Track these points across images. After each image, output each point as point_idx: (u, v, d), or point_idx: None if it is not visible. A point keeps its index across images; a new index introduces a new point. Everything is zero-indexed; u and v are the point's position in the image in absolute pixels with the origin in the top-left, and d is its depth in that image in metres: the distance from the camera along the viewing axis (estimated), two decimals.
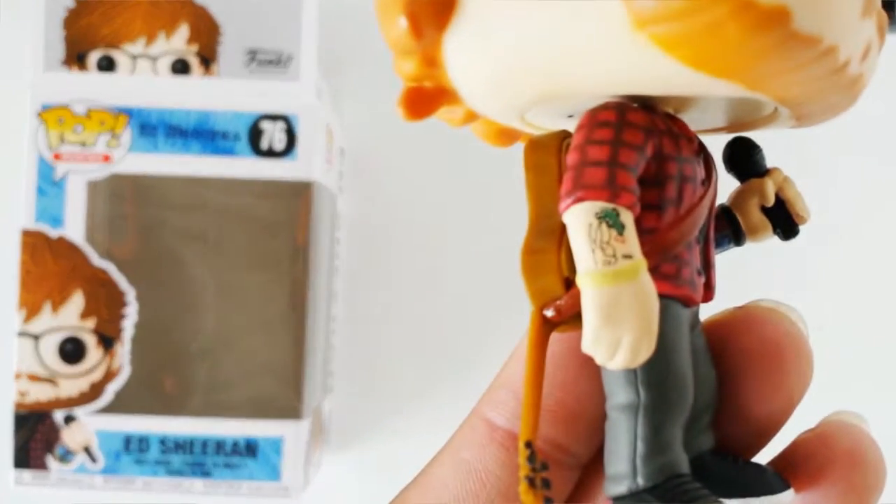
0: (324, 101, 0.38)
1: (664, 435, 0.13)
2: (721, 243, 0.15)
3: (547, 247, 0.13)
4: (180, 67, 0.36)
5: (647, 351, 0.12)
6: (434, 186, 0.44)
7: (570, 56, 0.12)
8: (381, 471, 0.44)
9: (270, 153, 0.35)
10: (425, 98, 0.13)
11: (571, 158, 0.13)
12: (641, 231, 0.12)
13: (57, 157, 0.35)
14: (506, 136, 0.15)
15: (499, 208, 0.37)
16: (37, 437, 0.35)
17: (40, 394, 0.35)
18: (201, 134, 0.35)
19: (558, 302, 0.13)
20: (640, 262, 0.12)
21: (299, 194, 0.35)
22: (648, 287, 0.12)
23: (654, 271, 0.13)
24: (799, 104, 0.12)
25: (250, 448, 0.35)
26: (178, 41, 0.36)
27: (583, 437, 0.16)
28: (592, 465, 0.16)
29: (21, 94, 0.35)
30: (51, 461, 0.35)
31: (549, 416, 0.15)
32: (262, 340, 0.35)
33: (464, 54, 0.13)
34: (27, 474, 0.35)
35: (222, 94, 0.35)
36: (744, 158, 0.15)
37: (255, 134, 0.35)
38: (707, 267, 0.14)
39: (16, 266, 0.35)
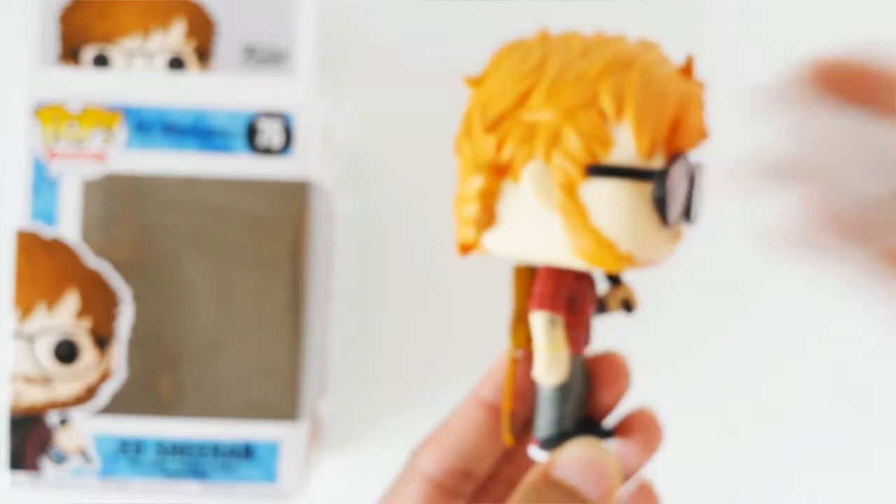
0: (321, 98, 0.37)
1: (566, 410, 0.26)
2: (595, 314, 0.28)
3: (520, 323, 0.27)
4: (176, 64, 0.35)
5: (563, 375, 0.26)
6: (433, 185, 0.44)
7: (543, 254, 0.25)
8: (379, 473, 0.44)
9: (267, 151, 0.35)
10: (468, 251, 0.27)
11: (536, 287, 0.26)
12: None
13: (52, 155, 0.35)
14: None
15: None
16: (31, 439, 0.35)
17: (35, 395, 0.34)
18: (197, 131, 0.35)
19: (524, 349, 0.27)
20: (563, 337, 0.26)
21: (296, 193, 0.35)
22: (566, 348, 0.26)
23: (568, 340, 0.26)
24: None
25: (247, 450, 0.35)
26: (175, 37, 0.35)
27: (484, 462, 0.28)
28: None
29: (15, 91, 0.35)
30: (46, 463, 0.34)
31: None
32: (259, 341, 0.35)
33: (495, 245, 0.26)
34: (22, 477, 0.35)
35: (219, 91, 0.35)
36: (614, 280, 0.28)
37: (251, 131, 0.35)
38: (587, 336, 0.27)
39: (10, 266, 0.35)
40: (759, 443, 0.42)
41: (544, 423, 0.26)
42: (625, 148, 0.24)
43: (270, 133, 0.35)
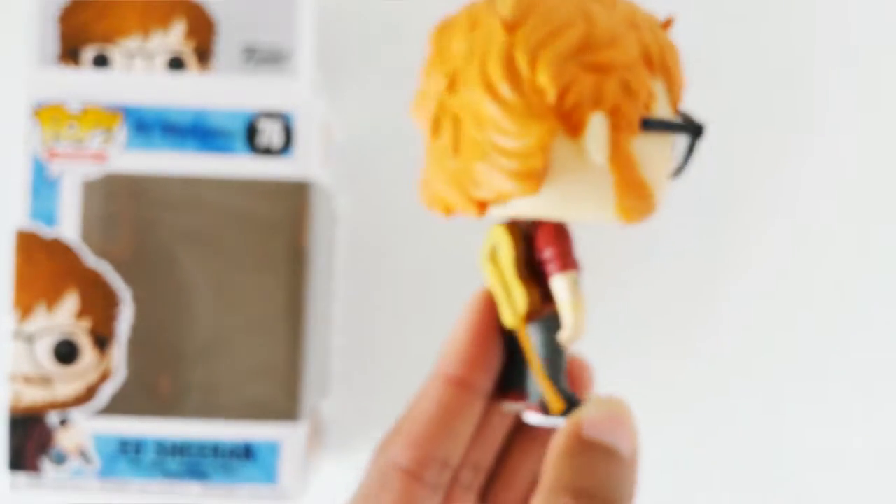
0: (321, 98, 0.37)
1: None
2: None
3: (529, 282, 0.25)
4: (176, 64, 0.35)
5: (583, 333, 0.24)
6: None
7: (576, 211, 0.24)
8: None
9: (267, 151, 0.35)
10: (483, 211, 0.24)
11: (553, 247, 0.24)
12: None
13: (51, 155, 0.35)
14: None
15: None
16: (31, 439, 0.34)
17: (35, 396, 0.34)
18: (197, 132, 0.35)
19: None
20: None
21: (296, 193, 0.35)
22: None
23: None
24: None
25: (247, 451, 0.35)
26: (174, 38, 0.35)
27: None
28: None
29: (15, 91, 0.35)
30: (45, 464, 0.34)
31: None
32: (259, 341, 0.35)
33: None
34: (22, 477, 0.35)
35: (219, 91, 0.35)
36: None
37: (251, 132, 0.35)
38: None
39: (10, 266, 0.35)
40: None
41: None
42: (661, 102, 0.24)
43: (270, 133, 0.35)
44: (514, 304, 0.25)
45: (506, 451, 0.29)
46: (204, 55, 0.35)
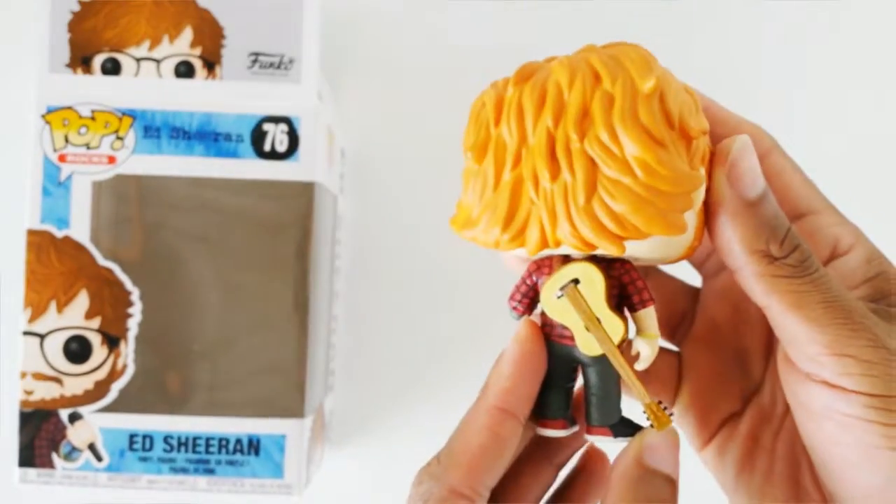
0: (325, 103, 0.38)
1: None
2: None
3: (618, 313, 0.26)
4: (184, 70, 0.36)
5: None
6: (433, 187, 0.44)
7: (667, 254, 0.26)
8: (382, 467, 0.44)
9: (273, 155, 0.35)
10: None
11: (638, 281, 0.26)
12: None
13: (62, 158, 0.35)
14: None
15: None
16: (42, 435, 0.35)
17: (45, 392, 0.35)
18: (205, 136, 0.35)
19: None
20: None
21: (302, 195, 0.35)
22: None
23: None
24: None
25: (253, 446, 0.35)
26: (182, 44, 0.36)
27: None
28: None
29: (27, 96, 0.36)
30: (56, 459, 0.35)
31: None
32: (265, 340, 0.35)
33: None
34: (32, 472, 0.35)
35: (225, 96, 0.36)
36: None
37: (257, 136, 0.35)
38: None
39: (21, 266, 0.35)
40: None
41: (616, 408, 0.27)
42: None
43: (276, 137, 0.35)
44: (605, 334, 0.26)
45: (514, 470, 0.29)
46: (211, 61, 0.36)
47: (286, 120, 0.35)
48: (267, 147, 0.35)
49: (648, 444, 0.25)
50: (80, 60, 0.36)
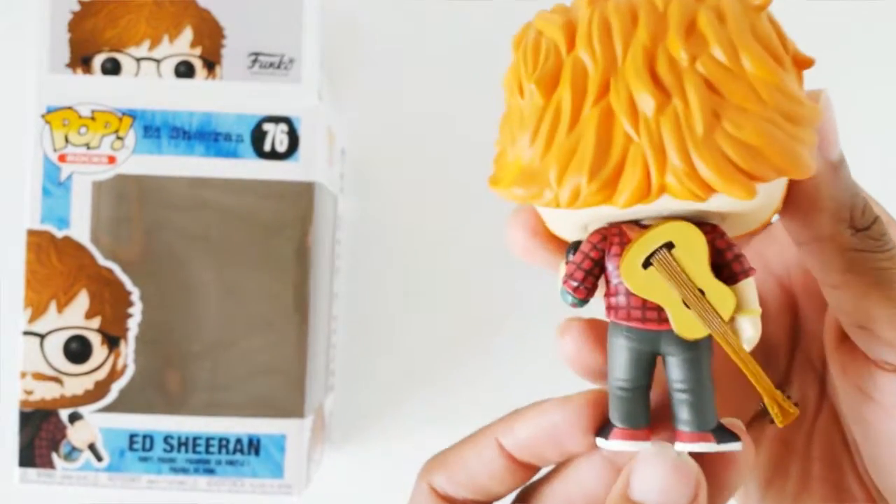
0: (325, 103, 0.38)
1: None
2: None
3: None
4: (184, 70, 0.36)
5: None
6: (434, 187, 0.45)
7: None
8: (382, 467, 0.44)
9: (273, 155, 0.35)
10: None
11: (736, 248, 0.21)
12: None
13: (62, 158, 0.35)
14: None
15: (498, 209, 0.37)
16: (42, 435, 0.35)
17: (45, 392, 0.35)
18: (205, 136, 0.36)
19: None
20: None
21: (301, 195, 0.35)
22: None
23: None
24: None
25: (253, 446, 0.35)
26: (182, 44, 0.36)
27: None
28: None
29: (27, 96, 0.36)
30: (56, 459, 0.35)
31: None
32: (265, 340, 0.35)
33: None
34: (32, 472, 0.35)
35: (225, 96, 0.36)
36: None
37: (257, 136, 0.35)
38: None
39: (22, 266, 0.35)
40: None
41: (712, 408, 0.22)
42: None
43: (276, 137, 0.36)
44: (713, 310, 0.21)
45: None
46: (212, 61, 0.36)
47: (286, 120, 0.36)
48: (267, 147, 0.35)
49: (640, 472, 0.20)
50: (80, 60, 0.36)
